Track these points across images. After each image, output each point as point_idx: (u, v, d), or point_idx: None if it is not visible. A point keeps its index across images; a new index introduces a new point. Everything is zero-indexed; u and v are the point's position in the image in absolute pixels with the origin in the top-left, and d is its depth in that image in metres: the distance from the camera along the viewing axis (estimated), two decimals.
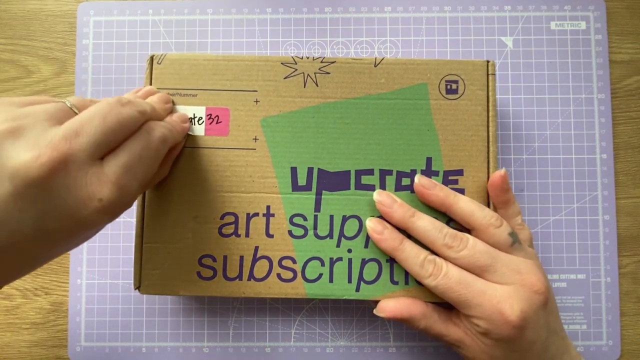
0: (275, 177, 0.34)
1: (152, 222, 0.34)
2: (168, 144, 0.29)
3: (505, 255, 0.31)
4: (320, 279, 0.34)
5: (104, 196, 0.24)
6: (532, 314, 0.30)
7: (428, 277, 0.31)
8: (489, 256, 0.30)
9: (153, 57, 0.34)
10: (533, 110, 0.41)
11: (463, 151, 0.34)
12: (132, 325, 0.40)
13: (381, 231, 0.32)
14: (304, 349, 0.40)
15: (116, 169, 0.25)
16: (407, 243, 0.32)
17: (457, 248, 0.31)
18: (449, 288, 0.30)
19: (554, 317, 0.32)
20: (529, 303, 0.30)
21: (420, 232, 0.32)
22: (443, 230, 0.31)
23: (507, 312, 0.29)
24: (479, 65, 0.35)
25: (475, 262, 0.30)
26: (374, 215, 0.34)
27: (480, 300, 0.30)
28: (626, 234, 0.40)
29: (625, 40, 0.42)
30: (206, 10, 0.42)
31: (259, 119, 0.34)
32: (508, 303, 0.29)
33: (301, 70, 0.34)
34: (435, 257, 0.31)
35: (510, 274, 0.30)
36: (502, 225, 0.32)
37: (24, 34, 0.42)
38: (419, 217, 0.32)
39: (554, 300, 0.32)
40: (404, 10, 0.42)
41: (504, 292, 0.30)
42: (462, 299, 0.30)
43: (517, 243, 0.32)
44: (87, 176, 0.23)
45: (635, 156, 0.41)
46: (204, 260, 0.33)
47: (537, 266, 0.32)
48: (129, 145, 0.26)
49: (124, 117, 0.26)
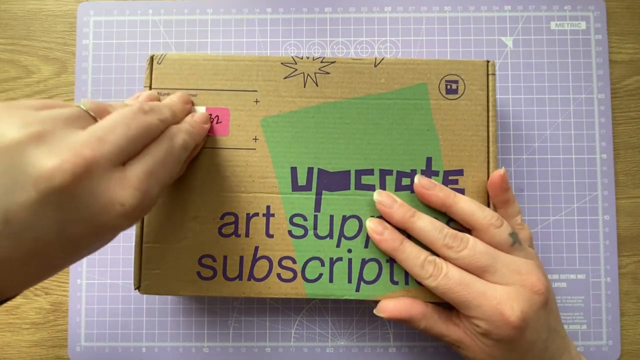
0: (275, 177, 0.34)
1: (152, 222, 0.34)
2: (189, 148, 0.30)
3: (505, 255, 0.31)
4: (320, 279, 0.34)
5: (126, 201, 0.24)
6: (532, 315, 0.30)
7: (428, 278, 0.31)
8: (489, 257, 0.30)
9: (153, 57, 0.34)
10: (533, 110, 0.41)
11: (463, 151, 0.34)
12: (132, 325, 0.40)
13: (381, 232, 0.32)
14: (304, 349, 0.40)
15: (139, 174, 0.25)
16: (407, 243, 0.32)
17: (457, 248, 0.31)
18: (449, 289, 0.30)
19: (554, 317, 0.32)
20: (530, 304, 0.30)
21: (421, 232, 0.32)
22: (443, 231, 0.31)
23: (508, 313, 0.29)
24: (479, 65, 0.35)
25: (475, 262, 0.30)
26: (374, 215, 0.34)
27: (480, 301, 0.30)
28: (626, 234, 0.40)
29: (625, 40, 0.42)
30: (206, 10, 0.42)
31: (259, 119, 0.34)
32: (508, 304, 0.29)
33: (301, 70, 0.34)
34: (435, 257, 0.31)
35: (510, 274, 0.30)
36: (503, 226, 0.32)
37: (24, 34, 0.42)
38: (419, 217, 0.32)
39: (554, 300, 0.32)
40: (404, 10, 0.42)
41: (504, 293, 0.30)
42: (462, 300, 0.30)
43: (518, 243, 0.32)
44: (110, 182, 0.23)
45: (635, 156, 0.41)
46: (204, 260, 0.33)
47: (537, 266, 0.32)
48: (152, 151, 0.26)
49: (147, 125, 0.26)
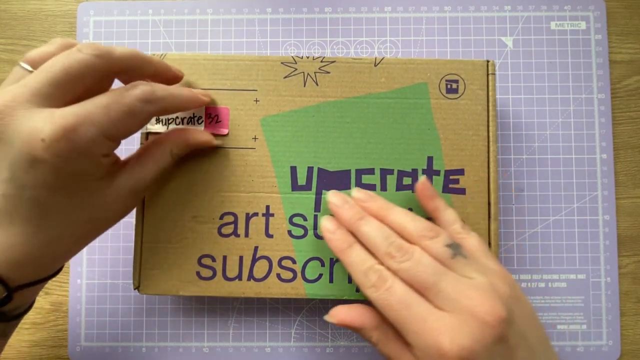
0: (274, 177, 0.34)
1: (152, 222, 0.34)
2: (155, 105, 0.28)
3: (454, 275, 0.27)
4: (320, 279, 0.34)
5: (46, 136, 0.24)
6: (480, 351, 0.24)
7: (370, 288, 0.27)
8: (433, 273, 0.26)
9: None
10: (533, 110, 0.41)
11: (464, 150, 0.34)
12: (132, 325, 0.40)
13: (333, 231, 0.30)
14: (304, 349, 0.40)
15: (66, 113, 0.25)
16: (356, 247, 0.29)
17: (400, 259, 0.27)
18: (389, 305, 0.27)
19: (526, 353, 0.26)
20: (476, 337, 0.25)
21: (365, 236, 0.29)
22: (390, 239, 0.28)
23: (446, 347, 0.24)
24: (479, 65, 0.35)
25: (416, 276, 0.27)
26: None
27: (418, 328, 0.25)
28: (626, 234, 0.40)
29: (625, 40, 0.42)
30: (206, 10, 0.42)
31: (259, 118, 0.34)
32: (449, 336, 0.24)
33: (301, 69, 0.34)
34: (383, 268, 0.28)
35: (457, 298, 0.26)
36: (438, 237, 0.28)
37: (24, 34, 0.42)
38: (367, 221, 0.30)
39: (522, 332, 0.26)
40: (404, 10, 0.42)
41: (448, 322, 0.25)
42: (400, 321, 0.26)
43: (460, 255, 0.28)
44: (31, 119, 0.25)
45: (635, 156, 0.41)
46: (203, 260, 0.33)
47: (492, 289, 0.26)
48: (95, 97, 0.26)
49: (74, 62, 0.26)
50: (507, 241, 0.40)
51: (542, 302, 0.40)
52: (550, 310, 0.40)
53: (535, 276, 0.40)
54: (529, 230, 0.40)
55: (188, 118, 0.34)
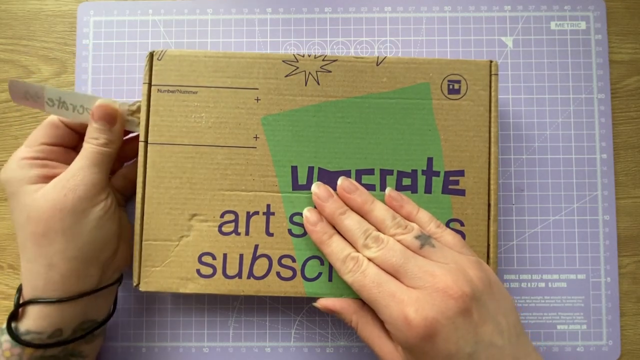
0: (275, 176, 0.34)
1: (152, 220, 0.33)
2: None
3: (419, 257, 0.30)
4: (319, 277, 0.34)
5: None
6: (443, 322, 0.27)
7: (347, 273, 0.30)
8: (402, 257, 0.29)
9: (153, 53, 0.34)
10: (533, 110, 0.41)
11: (464, 152, 0.34)
12: (132, 325, 0.40)
13: (315, 222, 0.33)
14: (304, 349, 0.40)
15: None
16: (336, 238, 0.32)
17: (375, 248, 0.30)
18: (363, 285, 0.29)
19: (490, 328, 0.28)
20: (440, 309, 0.27)
21: (346, 230, 0.32)
22: (367, 232, 0.31)
23: (411, 316, 0.27)
24: (482, 65, 0.35)
25: (387, 260, 0.30)
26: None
27: (388, 302, 0.28)
28: (626, 234, 0.40)
29: (625, 40, 0.42)
30: (206, 10, 0.42)
31: (260, 117, 0.34)
32: (413, 307, 0.27)
33: (302, 68, 0.34)
34: (359, 255, 0.31)
35: (422, 275, 0.28)
36: (411, 231, 0.31)
37: (24, 34, 0.42)
38: (348, 215, 0.32)
39: (488, 308, 0.28)
40: (404, 10, 0.42)
41: (413, 295, 0.28)
42: (372, 299, 0.29)
43: (429, 246, 0.30)
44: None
45: (635, 156, 0.41)
46: (203, 258, 0.33)
47: (459, 270, 0.29)
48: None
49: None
50: (507, 241, 0.40)
51: (542, 302, 0.40)
52: (550, 310, 0.40)
53: (535, 276, 0.40)
54: (529, 230, 0.40)
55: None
